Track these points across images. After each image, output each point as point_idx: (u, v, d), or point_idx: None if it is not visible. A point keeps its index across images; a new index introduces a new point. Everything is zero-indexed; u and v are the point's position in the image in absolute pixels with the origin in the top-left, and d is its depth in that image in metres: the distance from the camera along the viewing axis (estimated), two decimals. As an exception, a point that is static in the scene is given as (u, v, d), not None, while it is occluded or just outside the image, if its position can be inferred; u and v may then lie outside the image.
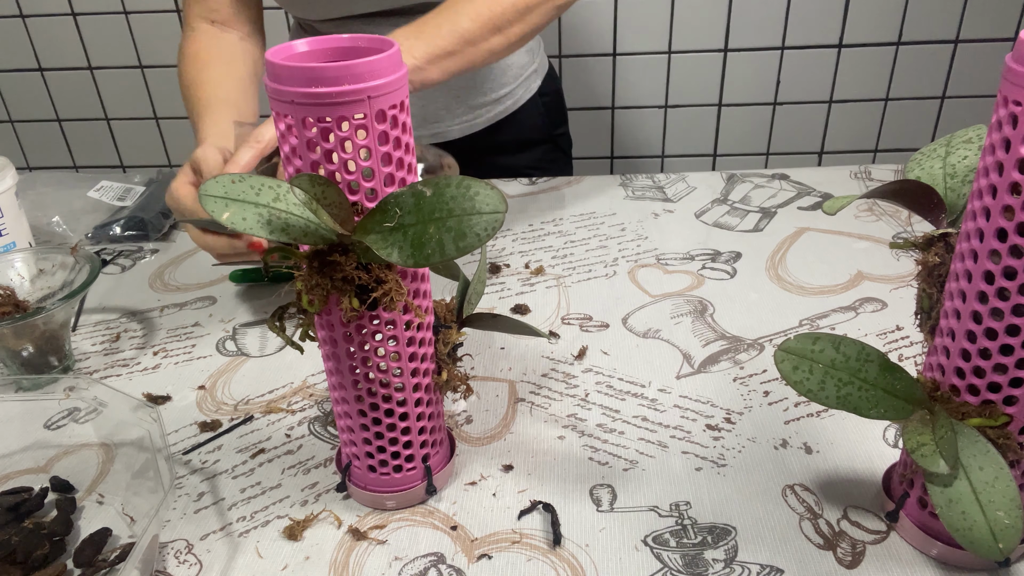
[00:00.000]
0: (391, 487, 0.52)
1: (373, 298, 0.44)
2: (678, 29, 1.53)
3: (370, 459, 0.51)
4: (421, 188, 0.41)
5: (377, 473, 0.52)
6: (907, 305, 0.71)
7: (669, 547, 0.49)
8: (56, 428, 0.60)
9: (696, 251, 0.82)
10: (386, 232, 0.41)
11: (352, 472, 0.53)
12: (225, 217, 0.40)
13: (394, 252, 0.41)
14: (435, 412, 0.52)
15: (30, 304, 0.65)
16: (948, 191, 0.46)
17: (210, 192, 0.40)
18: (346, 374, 0.48)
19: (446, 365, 0.51)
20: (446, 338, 0.51)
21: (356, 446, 0.51)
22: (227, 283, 0.81)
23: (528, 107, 1.01)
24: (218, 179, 0.41)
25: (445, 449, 0.55)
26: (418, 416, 0.50)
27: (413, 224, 0.41)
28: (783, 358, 0.45)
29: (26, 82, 1.68)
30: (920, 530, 0.48)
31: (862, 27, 1.52)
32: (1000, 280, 0.39)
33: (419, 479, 0.52)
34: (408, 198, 0.41)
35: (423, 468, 0.52)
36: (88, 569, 0.49)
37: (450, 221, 0.40)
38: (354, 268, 0.43)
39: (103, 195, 0.96)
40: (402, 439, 0.51)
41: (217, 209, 0.40)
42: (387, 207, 0.41)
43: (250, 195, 0.41)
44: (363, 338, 0.47)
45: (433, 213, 0.41)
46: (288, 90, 0.41)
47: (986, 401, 0.42)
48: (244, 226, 0.40)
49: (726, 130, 1.64)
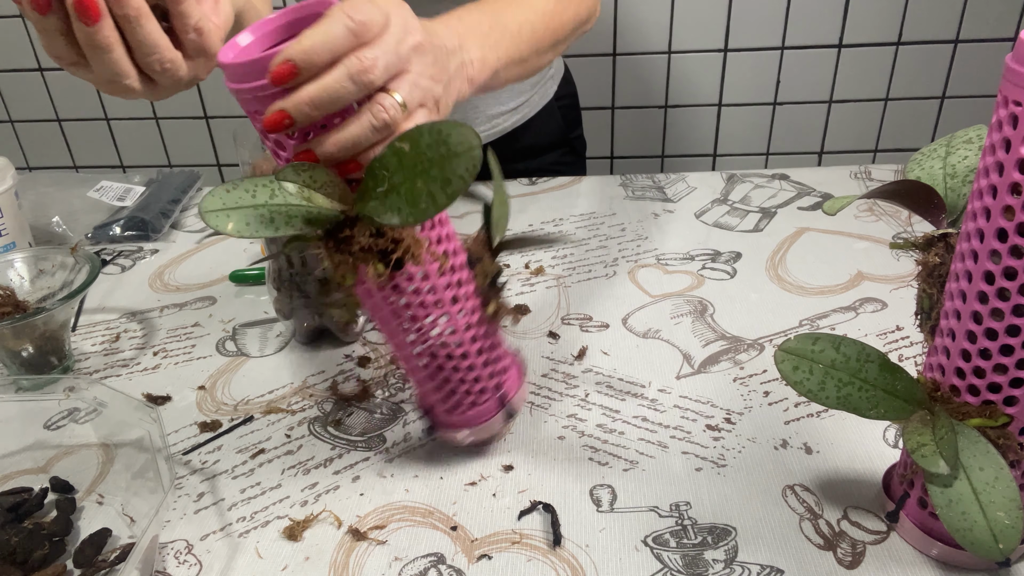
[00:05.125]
0: (471, 423, 0.54)
1: (395, 258, 0.44)
2: (678, 29, 1.53)
3: (444, 404, 0.53)
4: (399, 145, 0.40)
5: (454, 414, 0.54)
6: (907, 305, 0.71)
7: (669, 547, 0.49)
8: (56, 428, 0.60)
9: (696, 251, 0.82)
10: (382, 197, 0.41)
11: (435, 415, 0.55)
12: (230, 228, 0.40)
13: (394, 216, 0.41)
14: (494, 343, 0.53)
15: (30, 304, 0.65)
16: (948, 191, 0.46)
17: (209, 208, 0.40)
18: (398, 334, 0.49)
19: (490, 297, 0.52)
20: (484, 270, 0.51)
21: (429, 395, 0.53)
22: (227, 283, 0.81)
23: (544, 112, 1.01)
24: (213, 192, 0.41)
25: (516, 370, 0.56)
26: (478, 351, 0.52)
27: (402, 183, 0.41)
28: (783, 358, 0.45)
29: (26, 82, 1.68)
30: (920, 530, 0.48)
31: (862, 27, 1.51)
32: (1000, 280, 0.39)
33: (495, 409, 0.54)
34: (391, 158, 0.41)
35: (496, 398, 0.54)
36: (88, 569, 0.49)
37: (433, 171, 0.40)
38: (368, 237, 0.43)
39: (103, 195, 0.96)
40: (470, 376, 0.52)
41: (220, 223, 0.40)
42: (374, 172, 0.41)
43: (247, 199, 0.41)
44: (402, 296, 0.47)
45: (416, 167, 0.40)
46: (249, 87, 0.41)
47: (986, 401, 0.42)
48: (249, 232, 0.40)
49: (726, 130, 1.64)
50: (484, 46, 0.55)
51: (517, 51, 0.60)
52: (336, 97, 0.41)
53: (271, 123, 0.41)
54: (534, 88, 0.98)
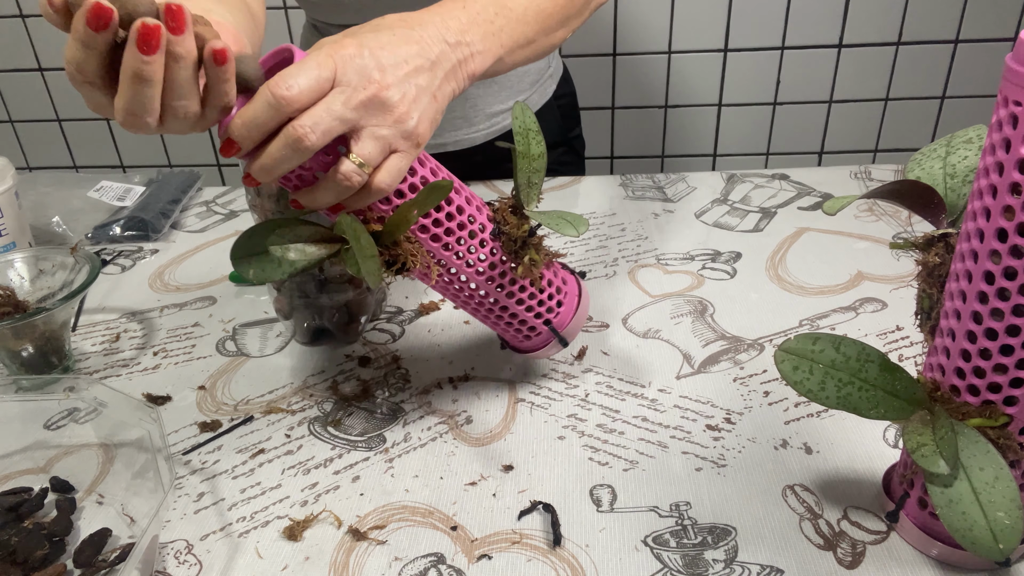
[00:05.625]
0: (531, 350, 0.61)
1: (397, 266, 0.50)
2: (678, 29, 1.53)
3: (506, 335, 0.61)
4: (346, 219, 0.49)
5: (517, 341, 0.61)
6: (907, 305, 0.71)
7: (669, 547, 0.49)
8: (56, 428, 0.60)
9: (696, 251, 0.82)
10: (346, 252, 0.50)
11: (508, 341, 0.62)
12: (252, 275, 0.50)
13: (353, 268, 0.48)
14: (534, 292, 0.58)
15: (30, 304, 0.65)
16: (948, 191, 0.46)
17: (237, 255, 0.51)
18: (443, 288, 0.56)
19: (522, 255, 0.55)
20: (511, 235, 0.55)
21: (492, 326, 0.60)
22: (227, 283, 0.81)
23: (544, 111, 1.00)
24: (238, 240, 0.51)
25: (570, 301, 0.60)
26: (517, 302, 0.57)
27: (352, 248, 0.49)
28: (783, 358, 0.45)
29: (26, 82, 1.68)
30: (920, 530, 0.48)
31: (862, 27, 1.51)
32: (1000, 280, 0.39)
33: (549, 339, 0.60)
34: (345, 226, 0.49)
35: (548, 331, 0.60)
36: (88, 569, 0.49)
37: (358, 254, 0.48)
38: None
39: (103, 195, 0.96)
40: (514, 321, 0.58)
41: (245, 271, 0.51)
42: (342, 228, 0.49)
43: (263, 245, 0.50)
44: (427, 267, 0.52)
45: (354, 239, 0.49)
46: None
47: (986, 401, 0.42)
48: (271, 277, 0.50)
49: (726, 130, 1.64)
50: (487, 35, 0.55)
51: (523, 35, 0.59)
52: (280, 163, 0.45)
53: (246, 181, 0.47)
54: (533, 87, 0.98)
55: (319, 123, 0.44)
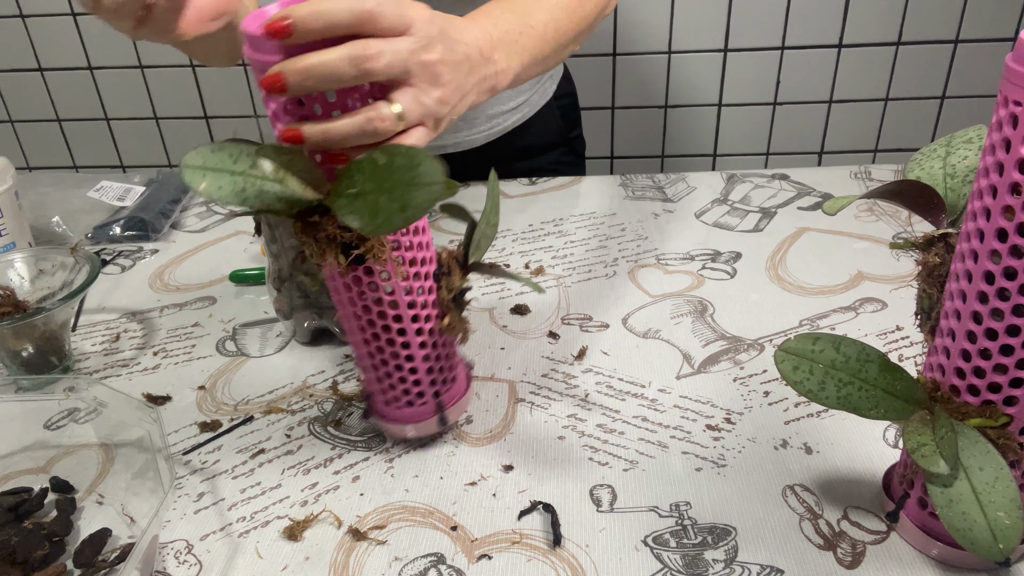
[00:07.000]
0: (407, 419, 0.55)
1: (356, 254, 0.45)
2: (678, 29, 1.53)
3: (383, 395, 0.55)
4: (377, 156, 0.41)
5: (391, 407, 0.55)
6: (907, 305, 0.71)
7: (669, 547, 0.49)
8: (56, 428, 0.60)
9: (696, 251, 0.82)
10: (350, 198, 0.42)
11: (374, 403, 0.56)
12: (202, 188, 0.41)
13: (355, 220, 0.42)
14: (443, 353, 0.54)
15: (30, 304, 0.65)
16: (948, 191, 0.46)
17: (189, 163, 0.41)
18: (351, 320, 0.51)
19: (449, 310, 0.52)
20: (449, 284, 0.52)
21: (372, 383, 0.55)
22: (227, 283, 0.81)
23: (544, 112, 1.01)
24: (198, 149, 0.41)
25: (460, 383, 0.57)
26: (424, 357, 0.53)
27: (369, 192, 0.41)
28: (783, 358, 0.45)
29: (26, 82, 1.67)
30: (920, 530, 0.48)
31: (862, 27, 1.51)
32: (1000, 280, 0.39)
33: (432, 412, 0.56)
34: (367, 164, 0.41)
35: (435, 404, 0.55)
36: (88, 569, 0.49)
37: (396, 192, 0.41)
38: (335, 227, 0.44)
39: (103, 195, 0.96)
40: (410, 378, 0.53)
41: (194, 180, 0.41)
42: (350, 172, 0.42)
43: (227, 163, 0.41)
44: (360, 288, 0.48)
45: (384, 183, 0.41)
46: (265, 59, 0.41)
47: (986, 401, 0.42)
48: (219, 195, 0.41)
49: (726, 130, 1.64)
50: (511, 53, 0.55)
51: (540, 51, 0.60)
52: (330, 72, 0.41)
53: (266, 83, 0.41)
54: (533, 88, 0.98)
55: (385, 54, 0.42)
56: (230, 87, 1.63)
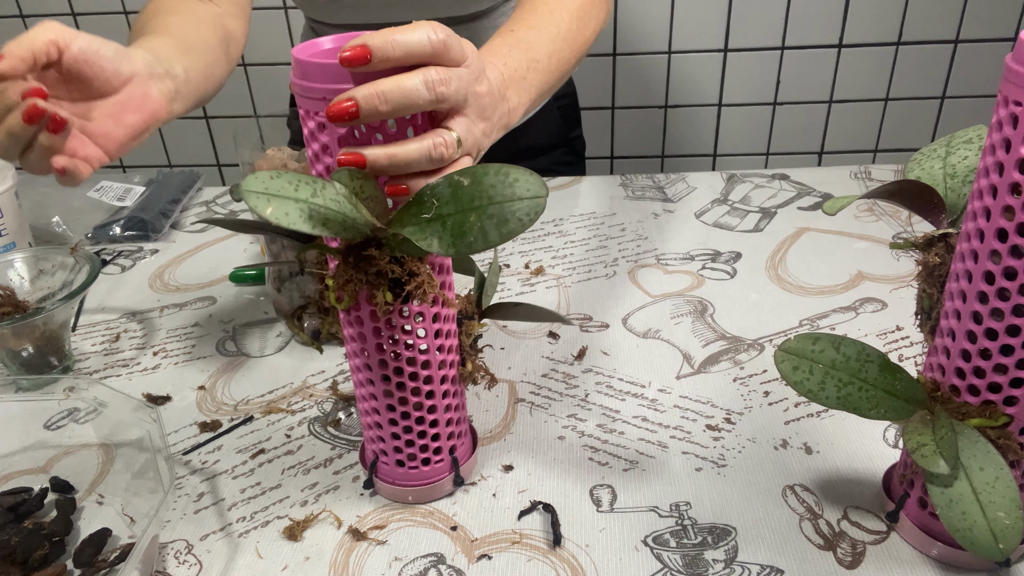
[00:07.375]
0: (419, 480, 0.53)
1: (407, 291, 0.45)
2: (678, 29, 1.53)
3: (399, 453, 0.52)
4: (458, 178, 0.41)
5: (406, 467, 0.52)
6: (907, 305, 0.71)
7: (669, 547, 0.49)
8: (56, 428, 0.60)
9: (696, 251, 0.82)
10: (424, 223, 0.42)
11: (379, 468, 0.53)
12: (269, 212, 0.40)
13: (433, 242, 0.41)
14: (460, 404, 0.53)
15: (30, 304, 0.65)
16: (948, 191, 0.46)
17: (251, 188, 0.41)
18: (375, 369, 0.48)
19: (469, 356, 0.52)
20: (468, 329, 0.52)
21: (384, 441, 0.52)
22: (227, 283, 0.81)
23: (544, 112, 1.01)
24: (257, 175, 0.41)
25: (469, 441, 0.56)
26: (445, 408, 0.51)
27: (452, 214, 0.41)
28: (783, 358, 0.45)
29: (26, 82, 1.67)
30: (920, 530, 0.48)
31: (862, 27, 1.51)
32: (1000, 280, 0.39)
33: (446, 471, 0.53)
34: (445, 189, 0.41)
35: (450, 460, 0.53)
36: (88, 569, 0.49)
37: (491, 208, 0.41)
38: (388, 262, 0.44)
39: (103, 195, 0.96)
40: (430, 431, 0.51)
41: (260, 204, 0.40)
42: (423, 199, 0.42)
43: (289, 191, 0.41)
44: (392, 331, 0.47)
45: (472, 202, 0.41)
46: (318, 87, 0.41)
47: (986, 401, 0.42)
48: (287, 221, 0.41)
49: (726, 130, 1.64)
50: (520, 91, 0.56)
51: (546, 84, 0.60)
52: (407, 97, 0.41)
53: (336, 111, 0.40)
54: None
55: (453, 80, 0.43)
56: (230, 87, 1.63)
